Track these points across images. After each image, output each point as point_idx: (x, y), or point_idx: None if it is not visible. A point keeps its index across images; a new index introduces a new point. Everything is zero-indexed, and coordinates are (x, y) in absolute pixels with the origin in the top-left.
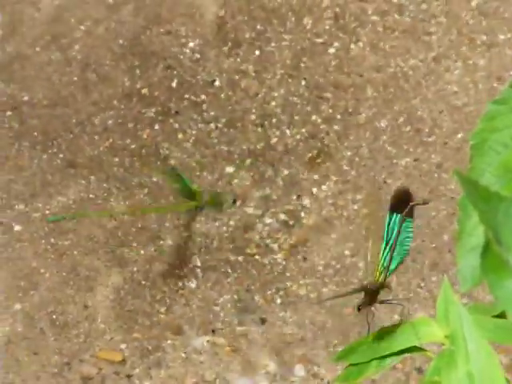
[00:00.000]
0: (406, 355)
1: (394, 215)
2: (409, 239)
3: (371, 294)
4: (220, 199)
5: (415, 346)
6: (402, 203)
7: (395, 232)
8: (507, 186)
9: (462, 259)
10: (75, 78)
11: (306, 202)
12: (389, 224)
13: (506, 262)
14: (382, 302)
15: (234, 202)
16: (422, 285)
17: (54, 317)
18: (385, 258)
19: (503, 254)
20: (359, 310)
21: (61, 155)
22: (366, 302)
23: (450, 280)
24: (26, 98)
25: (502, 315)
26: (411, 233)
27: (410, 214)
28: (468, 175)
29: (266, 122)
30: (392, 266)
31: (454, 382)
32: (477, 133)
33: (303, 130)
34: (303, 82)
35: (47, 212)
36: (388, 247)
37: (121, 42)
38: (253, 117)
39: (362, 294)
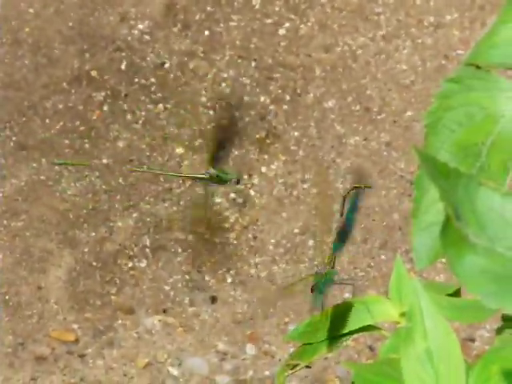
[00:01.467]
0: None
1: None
2: (353, 217)
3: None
4: (222, 179)
5: (369, 325)
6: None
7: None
8: (462, 164)
9: (416, 237)
10: (27, 62)
11: (256, 181)
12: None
13: (465, 238)
14: (335, 283)
15: (238, 182)
16: (372, 264)
17: (7, 297)
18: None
19: (463, 230)
20: (312, 290)
21: (13, 138)
22: (320, 281)
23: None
24: None
25: (455, 294)
26: (355, 210)
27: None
28: (426, 152)
29: (216, 104)
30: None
31: (413, 359)
32: (431, 111)
33: (252, 112)
34: (253, 63)
35: (0, 195)
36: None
37: (70, 24)
38: (203, 98)
39: (315, 277)
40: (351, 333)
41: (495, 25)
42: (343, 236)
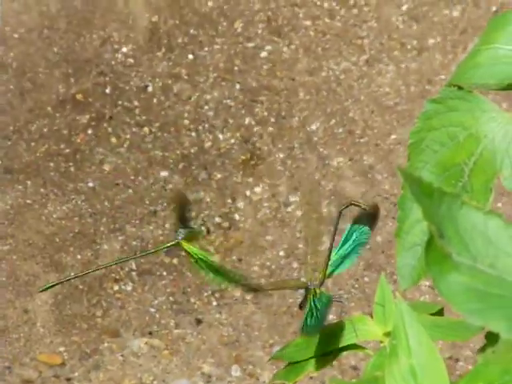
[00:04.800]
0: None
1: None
2: (361, 246)
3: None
4: (195, 236)
5: (354, 344)
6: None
7: (339, 235)
8: (445, 184)
9: (400, 258)
10: (11, 86)
11: (240, 204)
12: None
13: (449, 256)
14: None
15: (208, 232)
16: (356, 285)
17: None
18: (329, 260)
19: (446, 248)
20: (301, 307)
21: None
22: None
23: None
24: None
25: (438, 313)
26: (365, 240)
27: (366, 224)
28: (410, 171)
29: (199, 127)
30: (338, 269)
31: (397, 376)
32: (414, 132)
33: (237, 134)
34: (237, 86)
35: None
36: (334, 250)
37: (55, 49)
38: (186, 121)
39: (304, 293)
40: (337, 351)
41: (477, 46)
42: (339, 262)
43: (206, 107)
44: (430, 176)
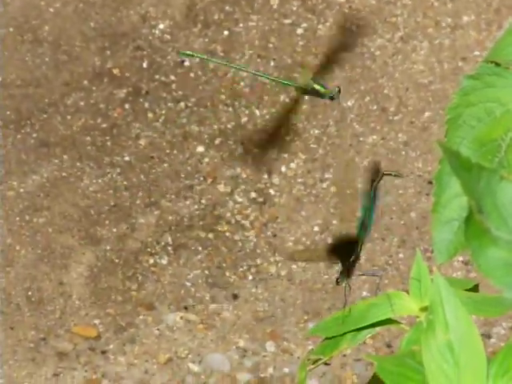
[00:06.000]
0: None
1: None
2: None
3: (349, 267)
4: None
5: (389, 319)
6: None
7: (369, 205)
8: (482, 159)
9: (437, 232)
10: (47, 59)
11: (276, 180)
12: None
13: (487, 231)
14: (360, 275)
15: (332, 98)
16: (390, 262)
17: (30, 293)
18: (364, 235)
19: (485, 223)
20: (338, 282)
21: (34, 135)
22: (345, 274)
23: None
24: None
25: (473, 289)
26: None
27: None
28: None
29: (235, 102)
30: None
31: (434, 350)
32: (452, 107)
33: (273, 110)
34: (272, 63)
35: (21, 190)
36: (362, 220)
37: (91, 24)
38: (222, 97)
39: (340, 267)
40: (372, 326)
41: None
42: (365, 228)
43: (242, 83)
44: (467, 151)
